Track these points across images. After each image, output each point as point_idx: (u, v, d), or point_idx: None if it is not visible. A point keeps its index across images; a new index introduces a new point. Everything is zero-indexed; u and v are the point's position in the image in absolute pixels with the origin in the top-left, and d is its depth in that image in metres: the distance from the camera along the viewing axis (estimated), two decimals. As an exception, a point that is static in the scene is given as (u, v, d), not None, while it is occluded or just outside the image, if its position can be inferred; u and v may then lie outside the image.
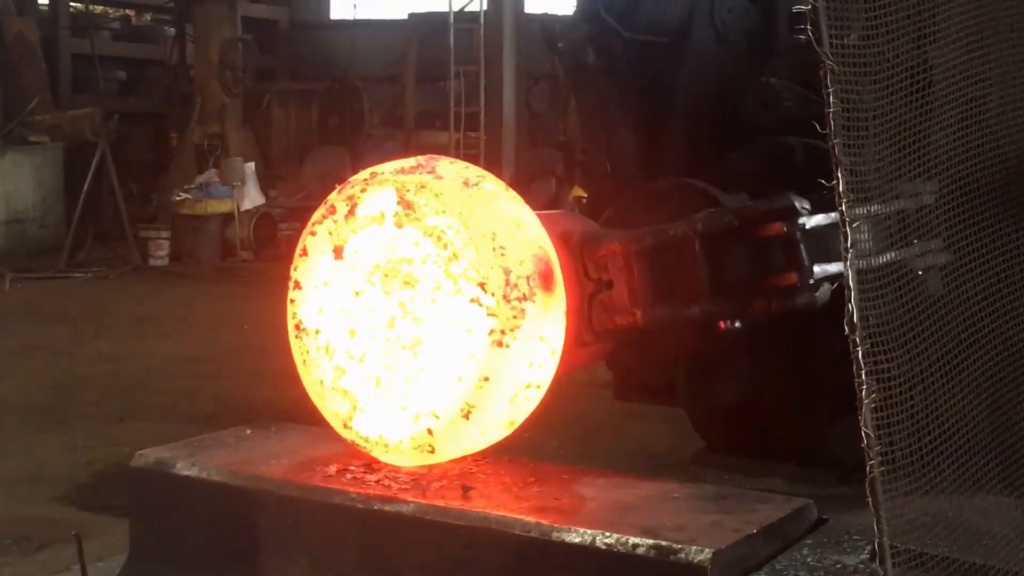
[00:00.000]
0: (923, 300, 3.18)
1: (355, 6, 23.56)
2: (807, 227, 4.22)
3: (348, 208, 3.94)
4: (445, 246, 3.76)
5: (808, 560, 3.51)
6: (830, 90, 2.70)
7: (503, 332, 3.70)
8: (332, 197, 4.02)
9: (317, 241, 4.03)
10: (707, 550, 3.33)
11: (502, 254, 3.75)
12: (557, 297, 3.88)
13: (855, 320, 2.70)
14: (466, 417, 3.74)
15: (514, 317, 3.71)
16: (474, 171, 3.98)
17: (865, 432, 2.71)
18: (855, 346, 2.70)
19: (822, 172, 2.91)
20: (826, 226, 4.26)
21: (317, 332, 4.01)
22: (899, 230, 3.31)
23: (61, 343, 10.82)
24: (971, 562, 3.26)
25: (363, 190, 3.94)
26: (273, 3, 22.49)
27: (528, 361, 3.79)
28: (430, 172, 3.89)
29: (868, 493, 2.81)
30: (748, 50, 5.50)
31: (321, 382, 3.98)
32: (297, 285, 4.07)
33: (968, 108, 3.51)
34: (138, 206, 18.30)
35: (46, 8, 21.84)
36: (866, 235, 2.93)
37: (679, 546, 3.37)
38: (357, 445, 3.97)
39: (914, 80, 3.19)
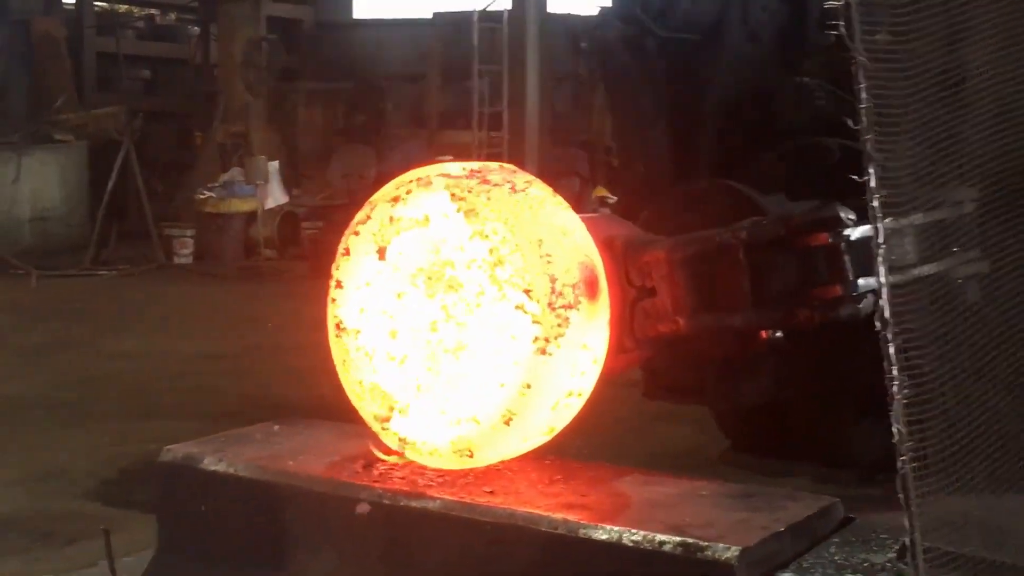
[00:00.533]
0: (956, 298, 3.16)
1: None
2: (852, 238, 4.19)
3: (392, 210, 3.94)
4: (491, 251, 3.74)
5: (836, 558, 3.49)
6: (862, 86, 2.70)
7: (547, 340, 3.67)
8: (376, 197, 3.99)
9: (360, 241, 3.99)
10: (734, 548, 3.32)
11: (548, 261, 3.72)
12: (601, 306, 3.86)
13: (887, 317, 2.69)
14: (507, 423, 3.71)
15: (559, 325, 3.69)
16: (521, 176, 3.95)
17: (897, 428, 2.69)
18: (887, 343, 2.69)
19: (856, 171, 2.90)
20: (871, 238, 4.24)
21: (357, 332, 3.98)
22: (936, 231, 3.28)
23: (85, 340, 10.87)
24: (1001, 561, 3.24)
25: (408, 192, 3.91)
26: (297, 2, 22.53)
27: (571, 369, 3.78)
28: (479, 174, 3.88)
29: (899, 489, 2.80)
30: (780, 49, 5.47)
31: (360, 383, 3.96)
32: (339, 284, 4.03)
33: (1001, 107, 3.49)
34: (162, 204, 18.36)
35: (72, 7, 21.93)
36: (908, 246, 2.91)
37: (706, 543, 3.35)
38: (394, 447, 3.96)
39: (946, 77, 3.17)
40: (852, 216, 4.15)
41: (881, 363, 2.93)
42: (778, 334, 4.20)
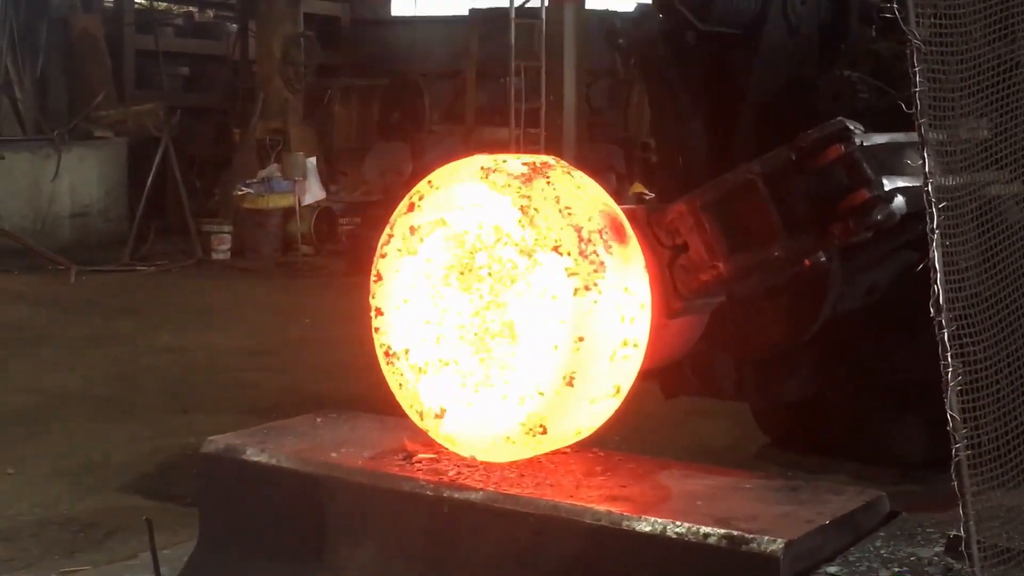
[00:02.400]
0: (1008, 281, 3.12)
1: (416, 2, 23.70)
2: (865, 145, 4.18)
3: (410, 221, 3.96)
4: (514, 222, 3.76)
5: (881, 552, 3.46)
6: (916, 69, 2.66)
7: (587, 288, 3.68)
8: (393, 216, 4.04)
9: (388, 263, 4.02)
10: (779, 540, 3.30)
11: (569, 214, 3.75)
12: (633, 249, 3.87)
13: (940, 302, 2.65)
14: (570, 384, 3.69)
15: (595, 271, 3.69)
16: (524, 157, 4.01)
17: (951, 415, 2.65)
18: (940, 328, 2.65)
19: None
20: (883, 145, 4.24)
21: (407, 352, 3.98)
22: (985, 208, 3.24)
23: (125, 335, 10.92)
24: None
25: (421, 197, 3.96)
26: (335, -1, 22.65)
27: (619, 315, 3.76)
28: (485, 169, 3.91)
29: (953, 477, 2.76)
30: (820, 42, 5.43)
31: (420, 402, 3.96)
32: (378, 312, 4.04)
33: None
34: (200, 200, 18.44)
35: (111, 5, 22.05)
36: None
37: (751, 536, 3.33)
38: (467, 456, 3.94)
39: (1000, 63, 3.13)
40: (860, 127, 4.15)
41: (923, 357, 2.90)
42: (822, 258, 4.17)
